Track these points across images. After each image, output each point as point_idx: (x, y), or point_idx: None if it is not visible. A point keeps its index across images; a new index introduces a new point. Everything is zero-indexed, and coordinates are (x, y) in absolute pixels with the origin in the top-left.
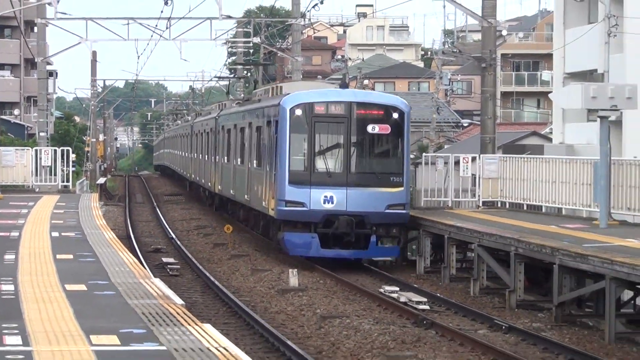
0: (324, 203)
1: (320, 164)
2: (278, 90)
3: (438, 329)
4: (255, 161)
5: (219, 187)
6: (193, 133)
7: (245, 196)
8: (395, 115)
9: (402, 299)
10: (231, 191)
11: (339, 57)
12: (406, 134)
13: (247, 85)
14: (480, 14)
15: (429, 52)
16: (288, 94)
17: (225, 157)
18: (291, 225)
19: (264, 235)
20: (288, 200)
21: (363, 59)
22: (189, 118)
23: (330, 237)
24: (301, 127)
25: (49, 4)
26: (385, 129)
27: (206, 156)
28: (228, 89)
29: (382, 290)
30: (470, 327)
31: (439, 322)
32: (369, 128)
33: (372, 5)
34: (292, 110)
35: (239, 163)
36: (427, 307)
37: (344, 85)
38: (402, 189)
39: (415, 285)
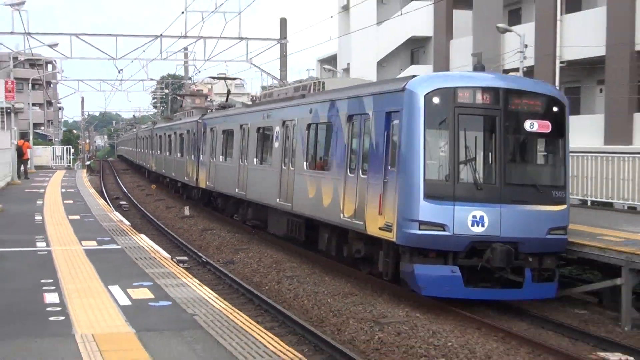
0: (472, 226)
1: (466, 173)
2: (320, 85)
3: (264, 236)
4: (305, 163)
5: (208, 183)
6: (154, 136)
7: (278, 199)
8: (556, 109)
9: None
10: (236, 189)
11: (209, 100)
12: (567, 134)
13: (162, 112)
14: (279, 77)
15: (255, 99)
16: (413, 76)
17: (222, 157)
18: (421, 255)
19: (302, 243)
20: (423, 222)
21: (220, 102)
22: (144, 127)
23: (475, 271)
24: (440, 121)
25: (58, 72)
26: (546, 126)
27: (178, 154)
28: (171, 96)
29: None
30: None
31: (263, 234)
32: (527, 125)
33: (225, 72)
34: (427, 97)
35: (255, 164)
36: (256, 225)
37: (480, 67)
38: (565, 207)
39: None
